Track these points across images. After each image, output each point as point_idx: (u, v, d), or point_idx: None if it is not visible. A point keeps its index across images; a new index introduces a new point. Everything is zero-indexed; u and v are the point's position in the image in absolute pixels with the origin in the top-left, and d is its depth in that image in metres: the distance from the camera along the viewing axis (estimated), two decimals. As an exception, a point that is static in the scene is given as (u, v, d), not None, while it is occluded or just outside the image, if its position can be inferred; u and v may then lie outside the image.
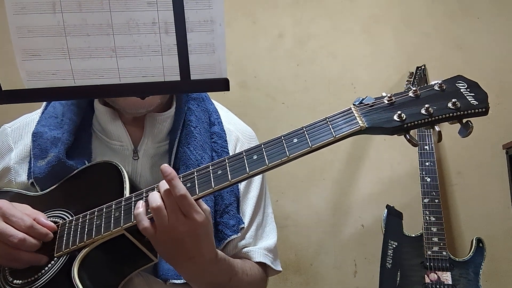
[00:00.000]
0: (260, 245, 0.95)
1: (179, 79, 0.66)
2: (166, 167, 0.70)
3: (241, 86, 1.88)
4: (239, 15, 1.89)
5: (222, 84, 0.66)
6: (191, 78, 0.66)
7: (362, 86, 1.84)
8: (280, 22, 1.89)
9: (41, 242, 0.78)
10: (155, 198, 0.70)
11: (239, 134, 1.00)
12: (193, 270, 0.77)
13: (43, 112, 0.95)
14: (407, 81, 1.78)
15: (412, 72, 1.76)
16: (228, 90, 0.66)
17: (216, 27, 0.65)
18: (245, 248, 0.93)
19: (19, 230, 0.75)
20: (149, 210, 0.71)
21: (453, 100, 0.69)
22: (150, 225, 0.71)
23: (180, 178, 0.74)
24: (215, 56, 0.66)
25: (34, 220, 0.78)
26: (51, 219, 0.82)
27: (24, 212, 0.78)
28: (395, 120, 0.69)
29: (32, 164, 0.88)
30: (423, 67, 1.75)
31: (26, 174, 0.89)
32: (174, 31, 0.64)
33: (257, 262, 0.93)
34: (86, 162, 0.88)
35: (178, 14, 0.63)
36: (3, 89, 0.63)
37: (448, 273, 1.51)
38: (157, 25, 0.64)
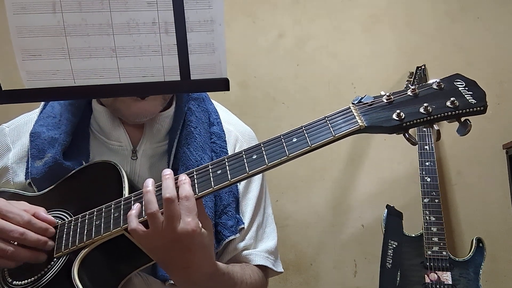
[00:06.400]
0: (260, 247, 0.95)
1: (179, 79, 0.66)
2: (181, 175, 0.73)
3: (241, 86, 1.88)
4: (239, 15, 1.89)
5: (222, 84, 0.66)
6: (191, 78, 0.66)
7: (362, 86, 1.84)
8: (280, 22, 1.89)
9: (45, 240, 0.77)
10: (152, 202, 0.70)
11: (238, 134, 0.99)
12: (187, 281, 0.76)
13: (41, 112, 0.94)
14: (407, 81, 1.78)
15: (412, 72, 1.76)
16: (228, 90, 0.66)
17: (216, 27, 0.65)
18: (245, 251, 0.92)
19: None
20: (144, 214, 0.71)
21: (452, 98, 0.69)
22: (139, 227, 0.70)
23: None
24: (215, 56, 0.66)
25: (34, 214, 0.78)
26: None
27: (22, 208, 0.77)
28: (394, 119, 0.69)
29: (29, 164, 0.88)
30: (423, 67, 1.75)
31: (24, 174, 0.89)
32: (174, 31, 0.64)
33: (257, 265, 0.93)
34: (84, 162, 0.88)
35: (178, 14, 0.63)
36: (3, 89, 0.63)
37: (448, 273, 1.52)
38: (157, 25, 0.64)
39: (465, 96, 0.69)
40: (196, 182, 0.73)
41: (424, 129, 1.64)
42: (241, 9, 1.89)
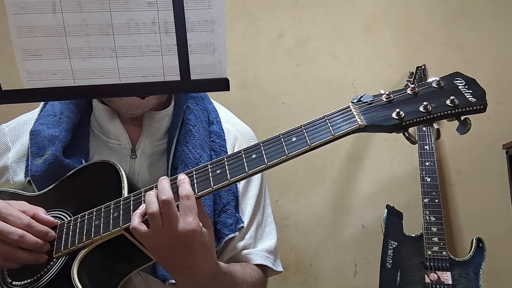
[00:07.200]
0: (260, 247, 0.95)
1: (179, 79, 0.66)
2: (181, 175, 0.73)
3: (241, 86, 1.88)
4: (239, 15, 1.89)
5: (222, 84, 0.66)
6: (191, 78, 0.66)
7: (362, 86, 1.84)
8: (280, 22, 1.89)
9: (44, 241, 0.77)
10: (153, 202, 0.70)
11: (237, 133, 0.99)
12: (189, 281, 0.76)
13: (41, 111, 0.94)
14: (407, 81, 1.78)
15: (412, 72, 1.76)
16: (228, 90, 0.66)
17: (216, 27, 0.65)
18: (245, 250, 0.92)
19: None
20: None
21: (451, 97, 0.69)
22: (139, 226, 0.70)
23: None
24: (215, 56, 0.66)
25: (34, 215, 0.78)
26: None
27: (22, 209, 0.77)
28: (394, 118, 0.69)
29: (29, 162, 0.88)
30: (423, 67, 1.75)
31: (24, 172, 0.89)
32: (174, 31, 0.64)
33: (257, 264, 0.93)
34: (83, 160, 0.88)
35: (178, 14, 0.63)
36: (3, 89, 0.63)
37: (448, 273, 1.52)
38: (157, 25, 0.64)
39: (465, 94, 0.69)
40: (195, 182, 0.73)
41: (424, 128, 1.64)
42: (241, 9, 1.89)
